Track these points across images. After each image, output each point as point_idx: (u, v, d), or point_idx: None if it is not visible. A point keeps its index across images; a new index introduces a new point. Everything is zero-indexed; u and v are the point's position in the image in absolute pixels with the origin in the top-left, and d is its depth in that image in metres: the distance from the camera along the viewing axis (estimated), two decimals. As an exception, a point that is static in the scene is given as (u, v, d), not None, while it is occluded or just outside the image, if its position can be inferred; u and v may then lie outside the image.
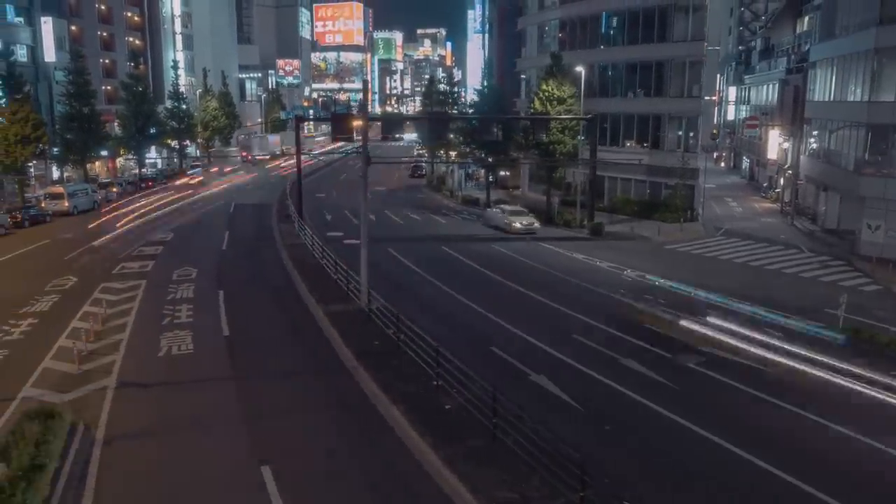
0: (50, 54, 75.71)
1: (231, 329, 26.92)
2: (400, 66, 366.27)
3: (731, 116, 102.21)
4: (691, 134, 58.59)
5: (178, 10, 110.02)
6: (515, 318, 28.99)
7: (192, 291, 32.48)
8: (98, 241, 45.98)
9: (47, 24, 75.54)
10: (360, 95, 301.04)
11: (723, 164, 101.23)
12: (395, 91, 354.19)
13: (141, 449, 17.53)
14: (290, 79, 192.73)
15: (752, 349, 25.08)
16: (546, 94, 55.91)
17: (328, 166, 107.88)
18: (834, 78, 51.32)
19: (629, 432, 18.89)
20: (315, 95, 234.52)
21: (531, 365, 23.32)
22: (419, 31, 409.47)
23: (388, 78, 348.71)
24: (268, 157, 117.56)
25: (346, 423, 19.00)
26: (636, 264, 40.59)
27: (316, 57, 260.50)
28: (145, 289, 33.05)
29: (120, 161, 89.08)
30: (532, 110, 57.23)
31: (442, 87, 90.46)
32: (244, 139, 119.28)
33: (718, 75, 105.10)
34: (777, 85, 70.40)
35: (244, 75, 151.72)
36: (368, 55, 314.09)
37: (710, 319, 28.34)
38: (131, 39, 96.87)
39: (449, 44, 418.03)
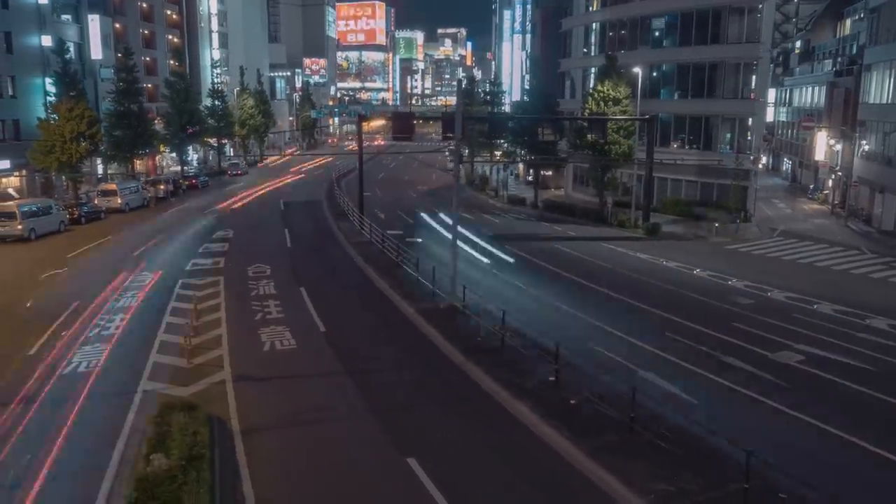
0: (96, 52, 76.11)
1: (326, 325, 27.07)
2: (421, 65, 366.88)
3: (769, 118, 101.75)
4: (748, 135, 58.44)
5: (214, 9, 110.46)
6: (604, 316, 29.13)
7: (273, 288, 32.65)
8: (160, 238, 46.25)
9: (94, 22, 75.94)
10: (381, 94, 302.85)
11: (761, 166, 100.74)
12: (415, 90, 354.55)
13: (282, 440, 17.72)
14: (316, 77, 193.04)
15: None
16: (601, 94, 55.94)
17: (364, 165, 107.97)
18: (892, 80, 51.15)
19: (753, 429, 18.88)
20: (339, 95, 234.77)
21: (636, 362, 23.41)
22: (440, 31, 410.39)
23: (409, 77, 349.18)
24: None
25: (474, 417, 19.12)
26: (704, 264, 40.62)
27: (338, 56, 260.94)
28: (225, 285, 33.22)
29: (159, 159, 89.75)
30: (587, 110, 57.20)
31: (487, 87, 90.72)
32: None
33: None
34: (825, 87, 70.03)
35: (273, 74, 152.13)
36: (391, 54, 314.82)
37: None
38: (170, 37, 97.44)
39: (469, 44, 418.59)
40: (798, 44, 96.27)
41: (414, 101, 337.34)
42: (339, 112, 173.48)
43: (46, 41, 66.61)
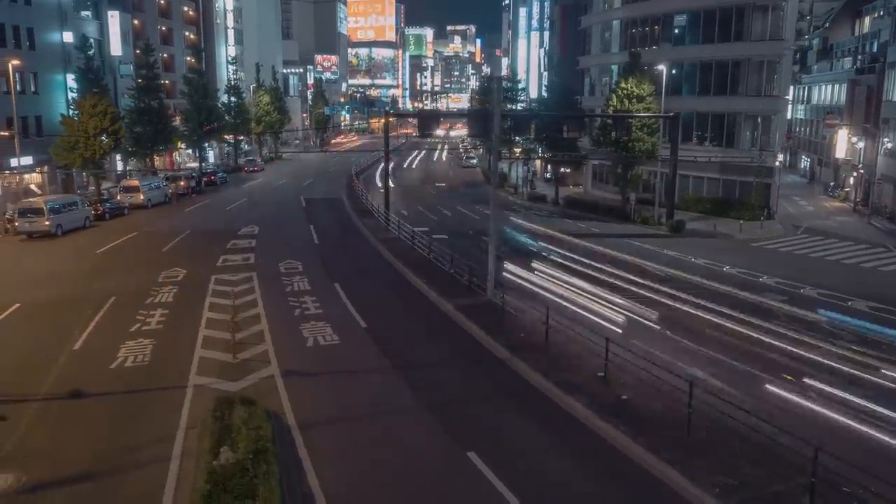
0: (116, 48, 76.46)
1: (366, 321, 27.15)
2: (430, 62, 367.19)
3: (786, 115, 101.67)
4: (772, 133, 58.41)
5: (230, 5, 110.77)
6: (641, 311, 29.13)
7: (307, 284, 32.74)
8: (187, 234, 46.42)
9: (114, 18, 76.27)
10: (391, 91, 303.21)
11: (777, 163, 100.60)
12: (425, 87, 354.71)
13: (339, 434, 17.82)
14: (328, 74, 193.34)
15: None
16: (625, 91, 55.96)
17: (378, 163, 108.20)
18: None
19: (809, 426, 18.91)
20: (350, 91, 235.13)
21: (680, 358, 23.43)
22: (449, 28, 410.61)
23: (418, 74, 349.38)
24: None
25: (526, 412, 19.22)
26: (732, 261, 40.65)
27: (348, 53, 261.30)
28: (259, 281, 33.28)
29: (175, 155, 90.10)
30: (611, 108, 57.22)
31: (505, 84, 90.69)
32: None
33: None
34: (846, 85, 69.89)
35: (286, 71, 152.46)
36: (400, 51, 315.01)
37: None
38: (187, 34, 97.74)
39: (478, 40, 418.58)
40: (815, 41, 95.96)
41: (424, 98, 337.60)
42: (351, 109, 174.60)
43: (68, 37, 66.94)
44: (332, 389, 20.73)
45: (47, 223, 45.57)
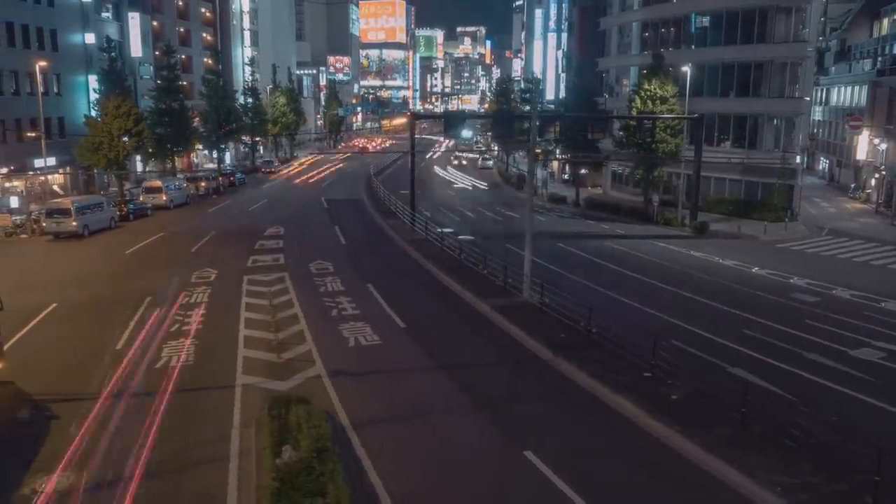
0: (136, 49, 76.84)
1: (404, 321, 27.20)
2: (441, 63, 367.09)
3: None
4: (795, 134, 58.35)
5: (246, 6, 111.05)
6: (677, 313, 29.19)
7: (340, 284, 32.81)
8: (213, 234, 46.57)
9: (134, 20, 76.68)
10: (402, 93, 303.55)
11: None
12: (435, 89, 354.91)
13: (394, 433, 17.88)
14: (340, 75, 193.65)
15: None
16: (648, 93, 55.97)
17: (394, 164, 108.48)
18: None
19: (858, 423, 18.93)
20: (361, 93, 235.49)
21: (722, 358, 23.49)
22: (459, 30, 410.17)
23: (428, 75, 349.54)
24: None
25: (576, 411, 19.33)
26: (760, 262, 40.66)
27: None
28: (292, 281, 33.36)
29: (192, 156, 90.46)
30: (634, 109, 57.22)
31: (525, 85, 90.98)
32: None
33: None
34: (866, 87, 69.71)
35: (300, 72, 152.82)
36: (411, 53, 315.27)
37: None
38: (204, 35, 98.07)
39: (488, 42, 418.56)
40: (832, 43, 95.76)
41: (434, 100, 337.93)
42: (365, 110, 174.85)
43: (90, 39, 67.30)
44: (380, 389, 20.81)
45: (74, 224, 45.79)
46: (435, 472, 16.02)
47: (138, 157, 72.68)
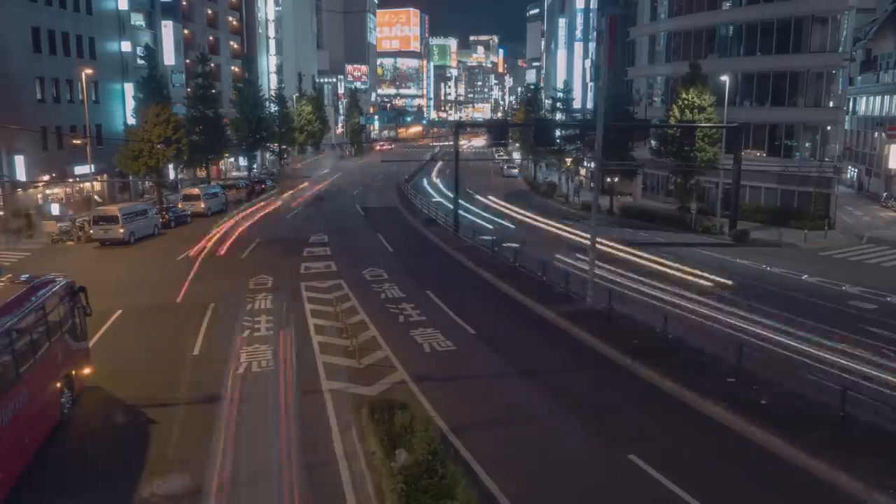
0: (169, 57, 77.48)
1: (473, 328, 27.39)
2: (454, 72, 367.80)
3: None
4: (830, 143, 58.53)
5: (271, 15, 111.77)
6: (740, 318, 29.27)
7: (398, 291, 33.08)
8: (258, 242, 46.89)
9: (167, 28, 77.38)
10: (416, 101, 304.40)
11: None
12: (449, 97, 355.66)
13: (495, 438, 18.07)
14: (358, 84, 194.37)
15: None
16: (686, 102, 56.24)
17: (421, 170, 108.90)
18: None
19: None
20: (378, 101, 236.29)
21: (798, 362, 23.47)
22: (472, 38, 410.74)
23: (442, 84, 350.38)
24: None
25: (668, 416, 19.49)
26: (807, 270, 40.76)
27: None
28: (350, 288, 33.60)
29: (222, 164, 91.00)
30: (671, 118, 57.48)
31: (559, 94, 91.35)
32: None
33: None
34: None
35: (320, 80, 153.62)
36: (425, 61, 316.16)
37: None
38: (232, 44, 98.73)
39: (501, 51, 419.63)
40: (858, 53, 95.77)
41: (448, 108, 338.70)
42: (384, 119, 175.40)
43: (126, 47, 67.90)
44: (468, 394, 21.05)
45: (121, 231, 46.25)
46: (545, 474, 16.23)
47: (170, 165, 73.12)
